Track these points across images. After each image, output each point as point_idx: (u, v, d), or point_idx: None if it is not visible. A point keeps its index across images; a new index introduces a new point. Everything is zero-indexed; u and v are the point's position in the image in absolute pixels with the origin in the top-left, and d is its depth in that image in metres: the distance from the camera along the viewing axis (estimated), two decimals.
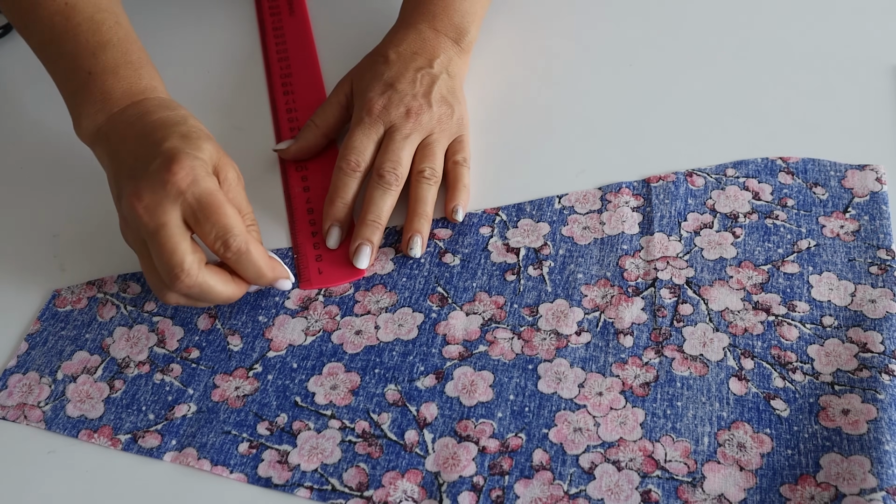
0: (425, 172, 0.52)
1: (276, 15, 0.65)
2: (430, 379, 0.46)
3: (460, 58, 0.57)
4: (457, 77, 0.56)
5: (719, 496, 0.41)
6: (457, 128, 0.54)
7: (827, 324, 0.46)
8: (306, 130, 0.56)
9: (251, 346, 0.47)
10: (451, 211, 0.52)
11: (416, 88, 0.53)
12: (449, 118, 0.54)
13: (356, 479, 0.42)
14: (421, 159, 0.52)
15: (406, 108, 0.53)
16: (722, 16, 0.64)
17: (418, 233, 0.50)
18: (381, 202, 0.51)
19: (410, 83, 0.53)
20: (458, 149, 0.54)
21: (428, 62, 0.55)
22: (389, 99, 0.53)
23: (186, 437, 0.44)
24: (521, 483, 0.42)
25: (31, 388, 0.46)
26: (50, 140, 0.59)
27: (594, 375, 0.45)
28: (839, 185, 0.52)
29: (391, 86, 0.53)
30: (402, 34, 0.56)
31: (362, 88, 0.54)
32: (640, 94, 0.59)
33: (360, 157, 0.52)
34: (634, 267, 0.49)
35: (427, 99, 0.53)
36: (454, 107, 0.54)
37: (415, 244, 0.50)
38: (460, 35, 0.56)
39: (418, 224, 0.51)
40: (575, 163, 0.55)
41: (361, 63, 0.57)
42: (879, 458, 0.40)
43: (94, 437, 0.44)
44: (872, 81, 0.58)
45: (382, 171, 0.51)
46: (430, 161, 0.52)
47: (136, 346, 0.48)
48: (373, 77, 0.54)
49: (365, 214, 0.51)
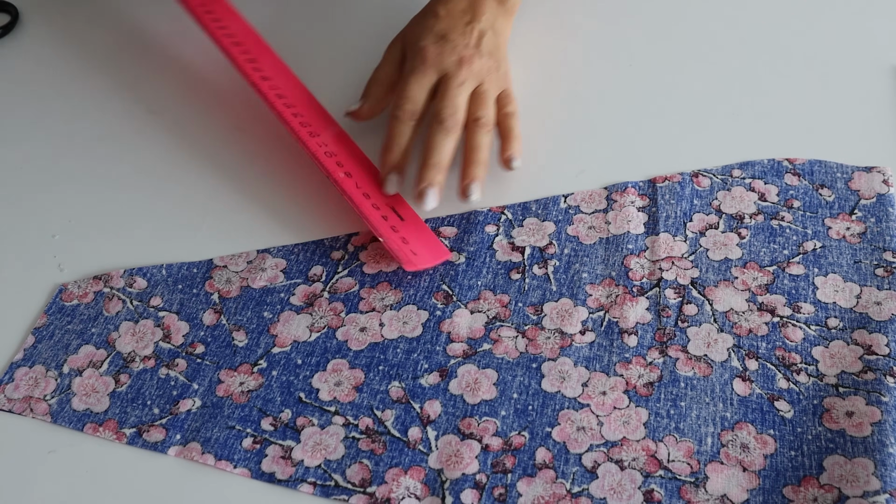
0: (481, 120, 0.53)
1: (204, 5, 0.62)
2: (434, 376, 0.46)
3: (505, 18, 0.58)
4: (501, 35, 0.58)
5: (722, 497, 0.41)
6: (503, 81, 0.56)
7: (832, 325, 0.46)
8: (373, 87, 0.57)
9: (256, 341, 0.48)
10: (507, 160, 0.53)
11: (468, 39, 0.55)
12: (496, 70, 0.55)
13: (359, 476, 0.42)
14: (475, 108, 0.53)
15: (459, 56, 0.54)
16: (726, 15, 0.64)
17: (476, 179, 0.51)
18: (443, 146, 0.51)
19: (461, 34, 0.55)
20: (507, 101, 0.55)
21: (476, 18, 0.56)
22: (442, 48, 0.54)
23: (191, 431, 0.44)
24: (523, 481, 0.42)
25: (38, 381, 0.47)
26: (50, 140, 0.60)
27: (598, 375, 0.45)
28: (846, 186, 0.52)
29: (443, 37, 0.55)
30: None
31: (414, 40, 0.56)
32: (647, 95, 0.59)
33: (415, 105, 0.53)
34: (639, 267, 0.49)
35: (478, 49, 0.55)
36: (500, 62, 0.56)
37: (473, 190, 0.51)
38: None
39: (475, 171, 0.52)
40: (581, 162, 0.55)
41: (411, 23, 0.58)
42: (883, 460, 0.40)
43: (100, 430, 0.45)
44: (878, 82, 0.58)
45: (442, 116, 0.52)
46: (484, 109, 0.53)
47: (141, 340, 0.48)
48: (424, 29, 0.56)
49: (427, 158, 0.51)
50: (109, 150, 0.59)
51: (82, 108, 0.61)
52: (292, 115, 0.55)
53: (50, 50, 0.66)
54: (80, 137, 0.60)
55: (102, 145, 0.59)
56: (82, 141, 0.59)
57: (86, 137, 0.60)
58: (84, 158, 0.58)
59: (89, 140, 0.59)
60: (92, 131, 0.60)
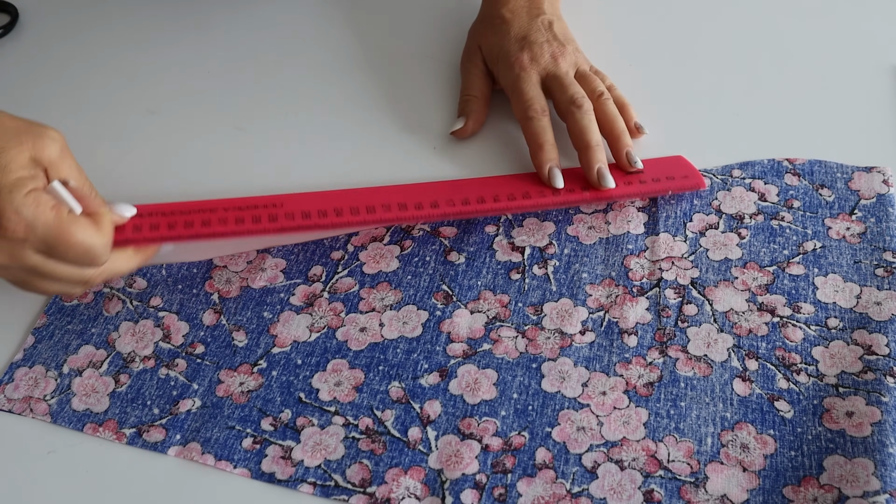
0: (604, 94, 0.54)
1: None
2: (434, 376, 0.46)
3: (556, 2, 0.60)
4: (562, 20, 0.59)
5: (722, 497, 0.41)
6: (584, 58, 0.57)
7: (832, 326, 0.46)
8: (470, 104, 0.57)
9: (256, 341, 0.48)
10: (637, 127, 0.55)
11: (546, 34, 0.56)
12: (578, 51, 0.57)
13: (359, 476, 0.42)
14: (590, 86, 0.55)
15: (550, 53, 0.55)
16: (725, 15, 0.64)
17: (630, 147, 0.52)
18: (592, 125, 0.53)
19: (538, 31, 0.57)
20: (602, 77, 0.57)
21: (540, 10, 0.58)
22: (531, 50, 0.55)
23: (191, 431, 0.44)
24: (523, 481, 0.42)
25: (38, 381, 0.47)
26: None
27: (598, 375, 0.45)
28: (846, 186, 0.52)
29: (524, 38, 0.56)
30: None
31: (498, 53, 0.57)
32: (646, 95, 0.59)
33: (541, 101, 0.54)
34: (639, 267, 0.49)
35: (559, 40, 0.56)
36: (573, 42, 0.58)
37: (636, 159, 0.52)
38: None
39: (626, 139, 0.53)
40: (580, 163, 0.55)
41: (478, 32, 0.59)
42: (883, 460, 0.40)
43: (100, 430, 0.45)
44: (878, 82, 0.58)
45: (576, 100, 0.53)
46: (597, 84, 0.55)
47: (141, 340, 0.48)
48: (502, 38, 0.57)
49: (588, 141, 0.52)
50: (109, 150, 0.59)
51: (82, 107, 0.61)
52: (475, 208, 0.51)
53: (50, 50, 0.66)
54: (80, 137, 0.59)
55: (102, 145, 0.59)
56: (82, 141, 0.59)
57: (86, 137, 0.59)
58: (84, 158, 0.58)
59: (89, 140, 0.59)
60: (92, 131, 0.60)
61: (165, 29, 0.67)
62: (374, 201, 0.50)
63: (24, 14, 0.69)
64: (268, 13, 0.68)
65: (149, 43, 0.66)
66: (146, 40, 0.66)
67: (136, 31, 0.67)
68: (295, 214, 0.49)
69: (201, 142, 0.58)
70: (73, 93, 0.63)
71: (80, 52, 0.66)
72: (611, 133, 0.53)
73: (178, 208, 0.49)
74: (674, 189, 0.52)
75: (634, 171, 0.52)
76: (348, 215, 0.49)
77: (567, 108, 0.53)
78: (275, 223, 0.48)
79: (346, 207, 0.49)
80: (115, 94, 0.62)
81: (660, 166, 0.53)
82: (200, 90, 0.62)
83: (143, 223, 0.47)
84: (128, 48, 0.66)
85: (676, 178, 0.52)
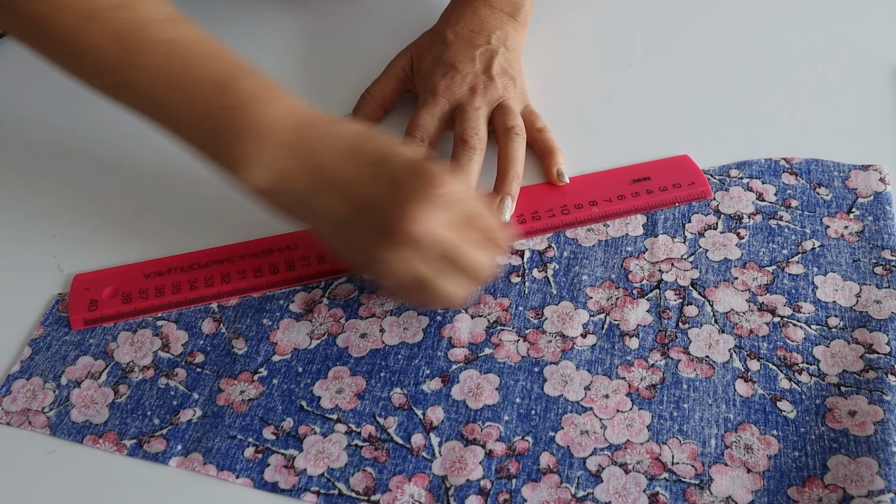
0: (515, 129, 0.52)
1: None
2: (436, 382, 0.45)
3: (517, 31, 0.58)
4: (514, 50, 0.57)
5: (727, 498, 0.41)
6: (521, 97, 0.55)
7: (832, 325, 0.46)
8: (363, 103, 0.57)
9: (256, 349, 0.47)
10: (558, 174, 0.53)
11: (477, 66, 0.54)
12: (513, 89, 0.55)
13: (363, 484, 0.42)
14: (505, 118, 0.53)
15: (470, 86, 0.54)
16: (723, 16, 0.64)
17: (509, 194, 0.51)
18: (469, 168, 0.51)
19: (470, 62, 0.54)
20: (535, 118, 0.55)
21: (486, 39, 0.56)
22: (452, 79, 0.54)
23: (192, 441, 0.44)
24: (528, 486, 0.42)
25: (35, 393, 0.46)
26: (50, 140, 0.59)
27: (600, 378, 0.45)
28: (843, 185, 0.52)
29: (452, 66, 0.54)
30: (458, 13, 0.57)
31: (424, 71, 0.56)
32: (645, 96, 0.59)
33: (425, 132, 0.53)
34: (639, 269, 0.49)
35: (488, 74, 0.54)
36: (515, 78, 0.55)
37: (506, 207, 0.51)
38: (516, 9, 0.57)
39: (510, 186, 0.51)
40: (577, 165, 0.55)
41: (420, 41, 0.58)
42: (887, 459, 0.40)
43: (100, 442, 0.44)
44: (874, 81, 0.58)
45: (465, 137, 0.51)
46: (514, 118, 0.53)
47: (140, 350, 0.48)
48: (433, 59, 0.55)
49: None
50: (110, 150, 0.58)
51: (82, 108, 0.61)
52: None
53: None
54: (80, 137, 0.59)
55: (103, 145, 0.59)
56: (82, 141, 0.59)
57: (86, 137, 0.59)
58: (84, 158, 0.58)
59: (89, 140, 0.59)
60: (92, 131, 0.59)
61: None
62: None
63: None
64: (268, 13, 0.68)
65: None
66: None
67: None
68: (311, 259, 0.50)
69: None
70: (73, 93, 0.62)
71: None
72: (501, 172, 0.51)
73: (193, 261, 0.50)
74: (681, 199, 0.52)
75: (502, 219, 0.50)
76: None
77: (454, 143, 0.52)
78: (292, 271, 0.49)
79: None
80: None
81: (666, 170, 0.53)
82: None
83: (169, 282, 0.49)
84: None
85: (683, 185, 0.52)
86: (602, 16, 0.65)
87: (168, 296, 0.49)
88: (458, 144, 0.52)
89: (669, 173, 0.53)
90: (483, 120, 0.53)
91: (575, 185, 0.53)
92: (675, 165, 0.53)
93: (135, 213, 0.54)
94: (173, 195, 0.55)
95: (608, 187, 0.52)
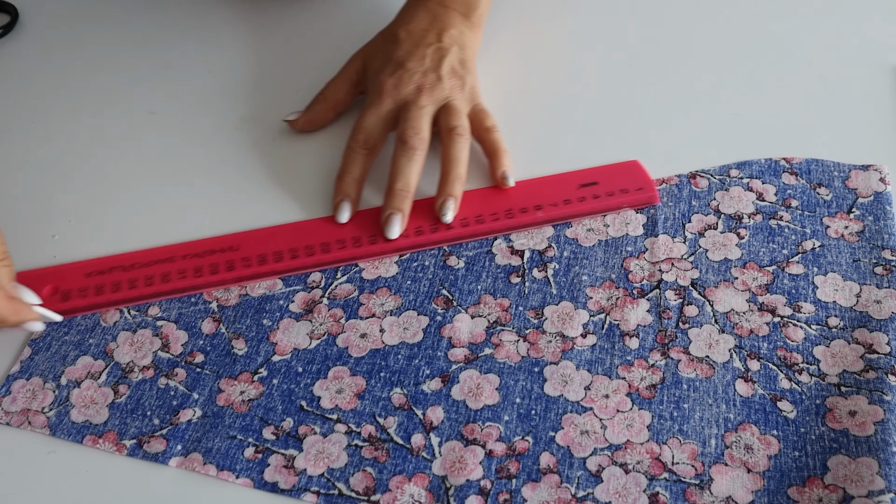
0: (458, 129, 0.52)
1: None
2: (436, 382, 0.45)
3: (471, 31, 0.57)
4: (468, 48, 0.56)
5: (727, 498, 0.41)
6: (470, 97, 0.55)
7: (832, 325, 0.46)
8: (315, 103, 0.56)
9: (256, 349, 0.47)
10: (501, 177, 0.52)
11: (426, 65, 0.54)
12: (461, 89, 0.54)
13: (363, 484, 0.42)
14: (448, 119, 0.52)
15: (417, 84, 0.53)
16: (723, 16, 0.64)
17: (452, 196, 0.50)
18: (408, 169, 0.51)
19: (419, 60, 0.54)
20: (484, 116, 0.54)
21: (437, 38, 0.55)
22: (400, 78, 0.53)
23: (192, 441, 0.44)
24: (528, 486, 0.41)
25: (35, 393, 0.46)
26: (50, 140, 0.59)
27: (600, 378, 0.45)
28: (843, 185, 0.52)
29: (401, 65, 0.54)
30: (412, 12, 0.57)
31: (374, 70, 0.55)
32: (645, 96, 0.59)
33: (369, 134, 0.52)
34: (639, 269, 0.49)
35: (437, 73, 0.53)
36: (465, 77, 0.55)
37: (448, 208, 0.50)
38: (470, 9, 0.57)
39: (452, 188, 0.50)
40: (577, 165, 0.55)
41: (373, 42, 0.57)
42: (887, 459, 0.40)
43: (99, 442, 0.44)
44: (874, 81, 0.58)
45: (405, 137, 0.51)
46: (458, 118, 0.52)
47: (139, 350, 0.48)
48: (384, 58, 0.55)
49: (393, 184, 0.51)
50: (109, 150, 0.58)
51: (82, 108, 0.61)
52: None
53: (50, 50, 0.66)
54: (80, 137, 0.59)
55: (102, 145, 0.59)
56: (82, 141, 0.59)
57: (86, 137, 0.59)
58: (84, 158, 0.58)
59: (89, 140, 0.59)
60: (92, 131, 0.60)
61: (165, 29, 0.67)
62: (331, 237, 0.51)
63: (24, 14, 0.68)
64: (269, 13, 0.68)
65: (149, 43, 0.66)
66: (146, 40, 0.66)
67: (137, 30, 0.67)
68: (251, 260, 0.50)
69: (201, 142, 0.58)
70: (72, 93, 0.62)
71: (80, 52, 0.65)
72: (442, 174, 0.51)
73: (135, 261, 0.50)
74: (629, 204, 0.51)
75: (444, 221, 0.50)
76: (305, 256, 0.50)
77: (395, 143, 0.52)
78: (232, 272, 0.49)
79: (313, 245, 0.50)
80: (115, 94, 0.62)
81: (615, 175, 0.53)
82: (200, 90, 0.62)
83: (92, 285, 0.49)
84: (128, 48, 0.66)
85: (631, 190, 0.52)
86: (603, 15, 0.65)
87: (107, 294, 0.49)
88: (398, 144, 0.51)
89: (618, 178, 0.52)
90: (427, 119, 0.52)
91: (523, 188, 0.52)
92: (625, 171, 0.53)
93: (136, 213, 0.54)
94: (174, 195, 0.55)
95: (555, 192, 0.52)
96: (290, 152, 0.57)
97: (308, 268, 0.50)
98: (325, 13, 0.67)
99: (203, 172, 0.57)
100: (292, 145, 0.57)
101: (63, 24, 0.68)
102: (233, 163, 0.57)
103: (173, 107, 0.61)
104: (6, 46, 0.66)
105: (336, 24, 0.66)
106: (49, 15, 0.69)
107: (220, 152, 0.57)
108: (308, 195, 0.54)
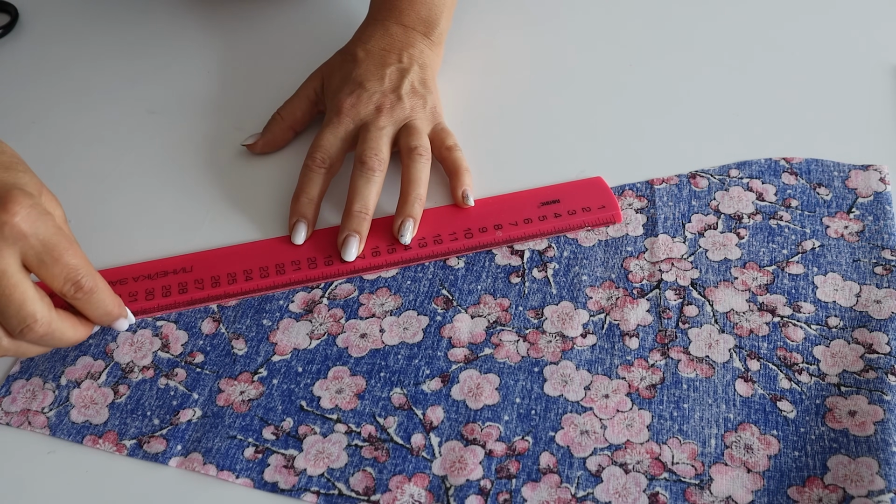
0: (418, 149, 0.51)
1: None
2: (436, 382, 0.45)
3: (432, 50, 0.56)
4: (428, 68, 0.56)
5: (727, 498, 0.41)
6: (431, 116, 0.54)
7: (832, 325, 0.46)
8: (272, 123, 0.56)
9: (256, 350, 0.47)
10: (462, 197, 0.51)
11: (385, 85, 0.53)
12: (422, 108, 0.54)
13: (363, 484, 0.42)
14: (408, 139, 0.52)
15: (376, 105, 0.52)
16: (722, 16, 0.64)
17: (411, 217, 0.50)
18: (367, 190, 0.50)
19: (379, 80, 0.53)
20: (445, 135, 0.53)
21: (397, 58, 0.55)
22: (358, 97, 0.53)
23: (192, 442, 0.44)
24: (528, 486, 0.42)
25: (35, 393, 0.46)
26: (50, 140, 0.59)
27: (600, 378, 0.45)
28: (843, 185, 0.52)
29: (360, 84, 0.53)
30: (370, 31, 0.56)
31: (332, 89, 0.55)
32: (642, 96, 0.59)
33: (326, 153, 0.52)
34: (639, 269, 0.49)
35: (397, 93, 0.53)
36: (426, 97, 0.54)
37: (406, 229, 0.50)
38: (429, 28, 0.56)
39: (411, 208, 0.50)
40: (577, 165, 0.55)
41: (332, 61, 0.57)
42: (887, 459, 0.40)
43: (99, 442, 0.44)
44: (874, 81, 0.58)
45: (364, 158, 0.50)
46: (418, 139, 0.52)
47: (139, 350, 0.48)
48: (342, 77, 0.54)
49: (351, 205, 0.50)
50: (109, 149, 0.58)
51: (82, 107, 0.61)
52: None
53: (50, 50, 0.66)
54: (80, 137, 0.59)
55: (102, 145, 0.59)
56: (82, 141, 0.59)
57: (86, 137, 0.59)
58: (84, 158, 0.58)
59: (89, 140, 0.59)
60: (92, 131, 0.60)
61: (165, 29, 0.67)
62: (283, 259, 0.50)
63: (24, 14, 0.69)
64: (269, 13, 0.68)
65: (149, 43, 0.66)
66: (146, 40, 0.66)
67: (137, 30, 0.67)
68: (204, 282, 0.49)
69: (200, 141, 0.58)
70: (72, 93, 0.62)
71: (80, 52, 0.65)
72: (402, 194, 0.51)
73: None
74: (591, 223, 0.51)
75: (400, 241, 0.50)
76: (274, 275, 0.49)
77: (354, 164, 0.51)
78: (184, 294, 0.49)
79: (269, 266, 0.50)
80: (114, 93, 0.62)
81: (577, 193, 0.52)
82: (200, 90, 0.62)
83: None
84: (128, 48, 0.66)
85: (593, 208, 0.51)
86: (603, 15, 0.65)
87: None
88: (356, 165, 0.51)
89: (580, 196, 0.52)
90: (386, 140, 0.52)
91: (482, 207, 0.52)
92: (588, 188, 0.52)
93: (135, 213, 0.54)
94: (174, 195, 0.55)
95: (515, 210, 0.51)
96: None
97: (263, 290, 0.49)
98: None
99: (203, 172, 0.56)
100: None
101: (63, 24, 0.68)
102: (234, 163, 0.57)
103: (173, 107, 0.61)
104: (6, 46, 0.66)
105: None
106: (49, 15, 0.69)
107: (221, 152, 0.57)
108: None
